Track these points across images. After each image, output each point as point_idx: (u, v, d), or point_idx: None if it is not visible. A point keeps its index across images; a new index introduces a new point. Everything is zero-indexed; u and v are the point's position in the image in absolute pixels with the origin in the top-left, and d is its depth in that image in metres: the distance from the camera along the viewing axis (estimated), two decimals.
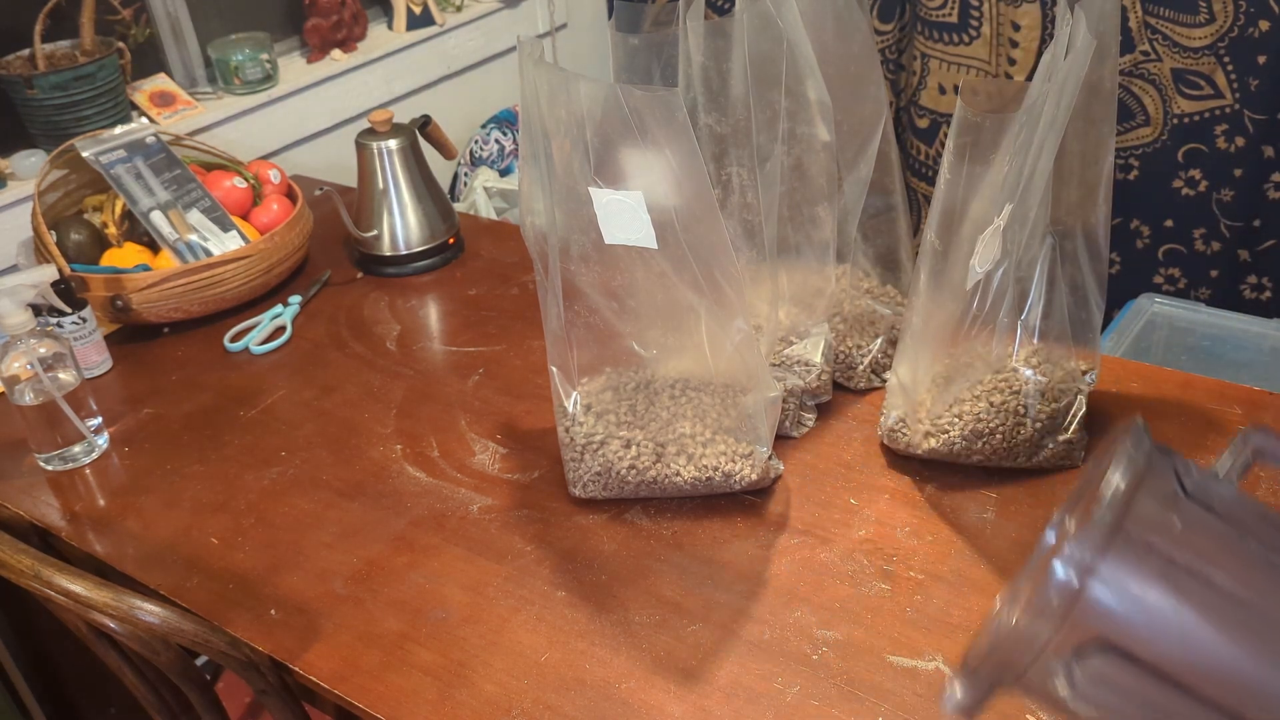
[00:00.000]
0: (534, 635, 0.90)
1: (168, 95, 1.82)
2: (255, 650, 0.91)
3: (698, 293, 0.91)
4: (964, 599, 0.90)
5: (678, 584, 0.94)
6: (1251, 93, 1.82)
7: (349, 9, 2.06)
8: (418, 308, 1.44)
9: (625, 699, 0.84)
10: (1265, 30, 1.77)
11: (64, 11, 1.63)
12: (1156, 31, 1.87)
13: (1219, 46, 1.82)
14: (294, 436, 1.18)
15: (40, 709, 1.41)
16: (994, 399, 1.00)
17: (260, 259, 1.41)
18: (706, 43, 1.02)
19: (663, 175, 0.85)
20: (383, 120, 1.47)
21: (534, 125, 0.89)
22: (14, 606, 1.33)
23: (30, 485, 1.15)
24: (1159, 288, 2.06)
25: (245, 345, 1.35)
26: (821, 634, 0.88)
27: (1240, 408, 1.08)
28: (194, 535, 1.05)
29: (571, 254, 0.93)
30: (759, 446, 1.00)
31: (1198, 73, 1.86)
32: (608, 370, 1.02)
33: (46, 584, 0.87)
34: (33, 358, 1.12)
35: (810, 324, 1.12)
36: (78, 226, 1.42)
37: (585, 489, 1.02)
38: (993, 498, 1.00)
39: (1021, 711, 0.79)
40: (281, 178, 1.61)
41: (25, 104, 1.61)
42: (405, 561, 0.99)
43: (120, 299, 1.34)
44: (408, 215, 1.49)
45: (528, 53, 0.86)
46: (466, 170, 2.32)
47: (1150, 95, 1.93)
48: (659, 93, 0.81)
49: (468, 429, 1.17)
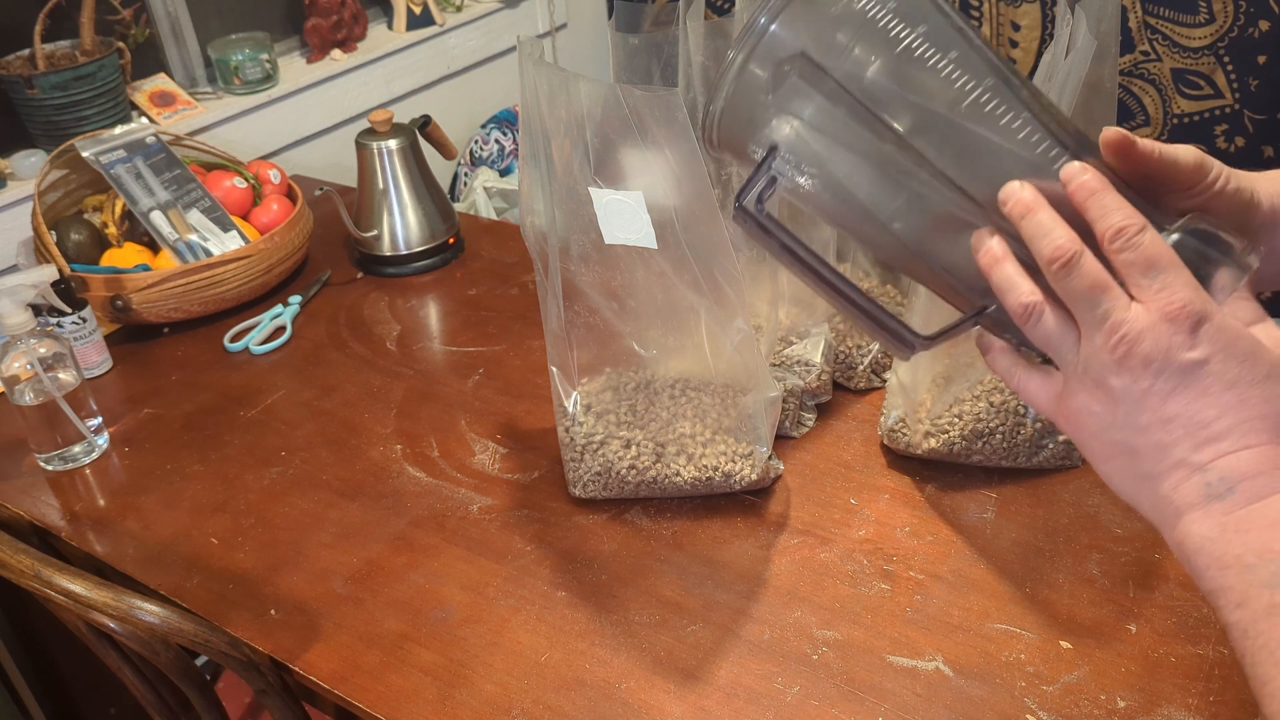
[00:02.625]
0: (534, 635, 0.90)
1: (168, 95, 1.82)
2: (255, 650, 0.91)
3: (698, 293, 0.91)
4: (964, 599, 0.90)
5: (678, 584, 0.94)
6: (1251, 93, 1.82)
7: (349, 9, 2.06)
8: (418, 308, 1.44)
9: (625, 699, 0.84)
10: (1265, 30, 1.77)
11: (64, 11, 1.63)
12: (1156, 31, 1.87)
13: (1219, 46, 1.82)
14: (294, 436, 1.18)
15: (40, 709, 1.41)
16: (994, 399, 1.00)
17: (260, 259, 1.41)
18: (706, 43, 1.02)
19: (663, 175, 0.85)
20: (383, 120, 1.47)
21: (534, 125, 0.89)
22: (14, 606, 1.33)
23: (30, 485, 1.15)
24: None
25: (245, 345, 1.35)
26: (821, 634, 0.88)
27: None
28: (194, 535, 1.05)
29: (571, 254, 0.93)
30: (759, 446, 1.00)
31: (1198, 73, 1.87)
32: (608, 370, 1.02)
33: (46, 584, 0.87)
34: (33, 358, 1.12)
35: (810, 324, 1.12)
36: (78, 226, 1.42)
37: (585, 489, 1.02)
38: (993, 498, 1.00)
39: (1021, 712, 0.79)
40: (281, 178, 1.61)
41: (25, 104, 1.61)
42: (405, 561, 0.99)
43: (120, 299, 1.34)
44: (408, 215, 1.49)
45: (528, 53, 0.86)
46: (466, 170, 2.32)
47: (1150, 95, 1.94)
48: (659, 93, 0.81)
49: (468, 429, 1.17)
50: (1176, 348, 0.46)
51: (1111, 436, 0.49)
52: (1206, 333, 0.46)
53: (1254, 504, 0.46)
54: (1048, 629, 0.86)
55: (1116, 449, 0.49)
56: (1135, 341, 0.47)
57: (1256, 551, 0.45)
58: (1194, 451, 0.47)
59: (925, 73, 0.54)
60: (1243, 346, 0.47)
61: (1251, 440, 0.46)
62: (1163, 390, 0.47)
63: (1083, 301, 0.48)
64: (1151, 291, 0.47)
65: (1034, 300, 0.50)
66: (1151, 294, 0.47)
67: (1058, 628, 0.86)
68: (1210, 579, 0.47)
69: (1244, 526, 0.46)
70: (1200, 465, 0.47)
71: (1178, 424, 0.47)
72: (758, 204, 0.58)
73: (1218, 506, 0.46)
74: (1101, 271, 0.48)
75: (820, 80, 0.55)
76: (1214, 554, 0.46)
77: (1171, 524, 0.48)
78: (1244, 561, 0.45)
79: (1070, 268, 0.48)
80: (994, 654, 0.84)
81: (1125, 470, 0.49)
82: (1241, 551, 0.45)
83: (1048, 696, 0.80)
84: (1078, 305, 0.49)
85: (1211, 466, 0.46)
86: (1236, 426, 0.46)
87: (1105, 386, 0.48)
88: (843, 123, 0.55)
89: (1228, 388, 0.46)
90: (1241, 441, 0.46)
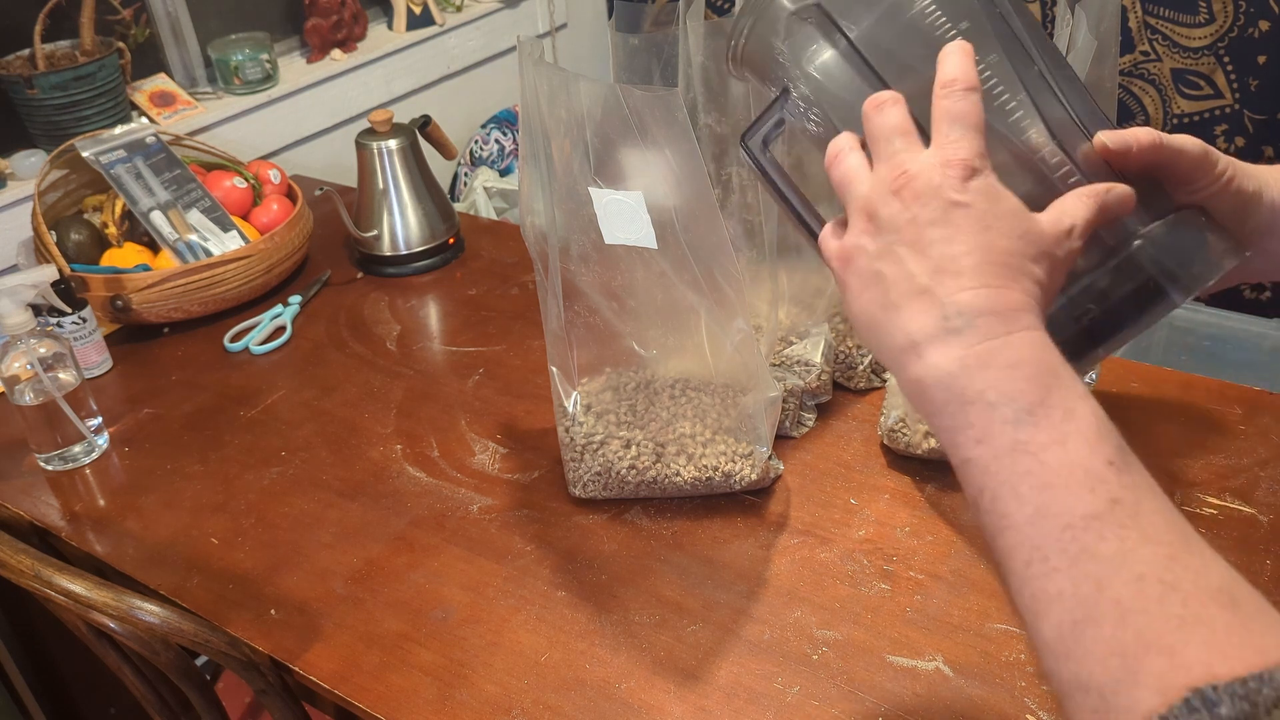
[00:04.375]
0: (534, 635, 0.90)
1: (168, 95, 1.82)
2: (255, 650, 0.91)
3: (698, 293, 0.91)
4: (964, 599, 0.90)
5: (678, 584, 0.94)
6: (1251, 93, 1.82)
7: (349, 9, 2.06)
8: (418, 308, 1.44)
9: (625, 699, 0.84)
10: (1265, 30, 1.77)
11: (64, 11, 1.63)
12: (1156, 31, 1.87)
13: (1219, 46, 1.82)
14: (294, 436, 1.18)
15: (40, 709, 1.41)
16: None
17: (260, 259, 1.41)
18: (706, 43, 1.02)
19: (663, 175, 0.85)
20: (383, 120, 1.47)
21: (534, 125, 0.88)
22: (14, 606, 1.33)
23: (30, 485, 1.15)
24: None
25: (245, 345, 1.35)
26: (821, 634, 0.88)
27: (1240, 408, 1.08)
28: (194, 535, 1.05)
29: (571, 254, 0.93)
30: (759, 446, 1.00)
31: (1198, 73, 1.87)
32: (608, 370, 1.01)
33: (46, 584, 0.87)
34: (33, 358, 1.12)
35: (810, 324, 1.12)
36: (78, 226, 1.42)
37: (585, 489, 1.02)
38: None
39: (1021, 712, 0.79)
40: (281, 178, 1.61)
41: (25, 104, 1.61)
42: (405, 561, 0.99)
43: (120, 299, 1.34)
44: (408, 215, 1.49)
45: (528, 53, 0.86)
46: (466, 170, 2.32)
47: (1150, 95, 1.94)
48: (659, 93, 0.81)
49: (468, 429, 1.17)
50: (947, 188, 0.49)
51: (871, 267, 0.51)
52: (977, 185, 0.49)
53: (989, 341, 0.47)
54: None
55: (872, 280, 0.51)
56: (913, 177, 0.50)
57: (998, 390, 0.46)
58: (937, 281, 0.48)
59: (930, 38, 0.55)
60: (1007, 206, 0.49)
61: (990, 281, 0.48)
62: (925, 219, 0.49)
63: (882, 141, 0.52)
64: (945, 140, 0.50)
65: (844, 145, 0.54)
66: (944, 142, 0.50)
67: None
68: (949, 415, 0.48)
69: (984, 362, 0.47)
70: (940, 297, 0.48)
71: (929, 254, 0.49)
72: (763, 144, 0.59)
73: (956, 341, 0.47)
74: (907, 120, 0.52)
75: (831, 34, 0.57)
76: (955, 389, 0.47)
77: (911, 359, 0.49)
78: (986, 399, 0.46)
79: (882, 108, 0.52)
80: (994, 654, 0.84)
81: (874, 302, 0.51)
82: (984, 388, 0.46)
83: (1048, 696, 0.80)
84: (877, 143, 0.52)
85: (951, 300, 0.48)
86: (981, 266, 0.48)
87: (876, 217, 0.51)
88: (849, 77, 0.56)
89: (982, 230, 0.48)
90: (981, 279, 0.48)
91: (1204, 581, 0.41)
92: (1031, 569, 0.44)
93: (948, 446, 0.49)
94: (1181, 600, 0.40)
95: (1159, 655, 0.39)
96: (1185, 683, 0.38)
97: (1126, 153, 0.54)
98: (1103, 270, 0.54)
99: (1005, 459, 0.46)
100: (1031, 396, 0.46)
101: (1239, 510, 0.96)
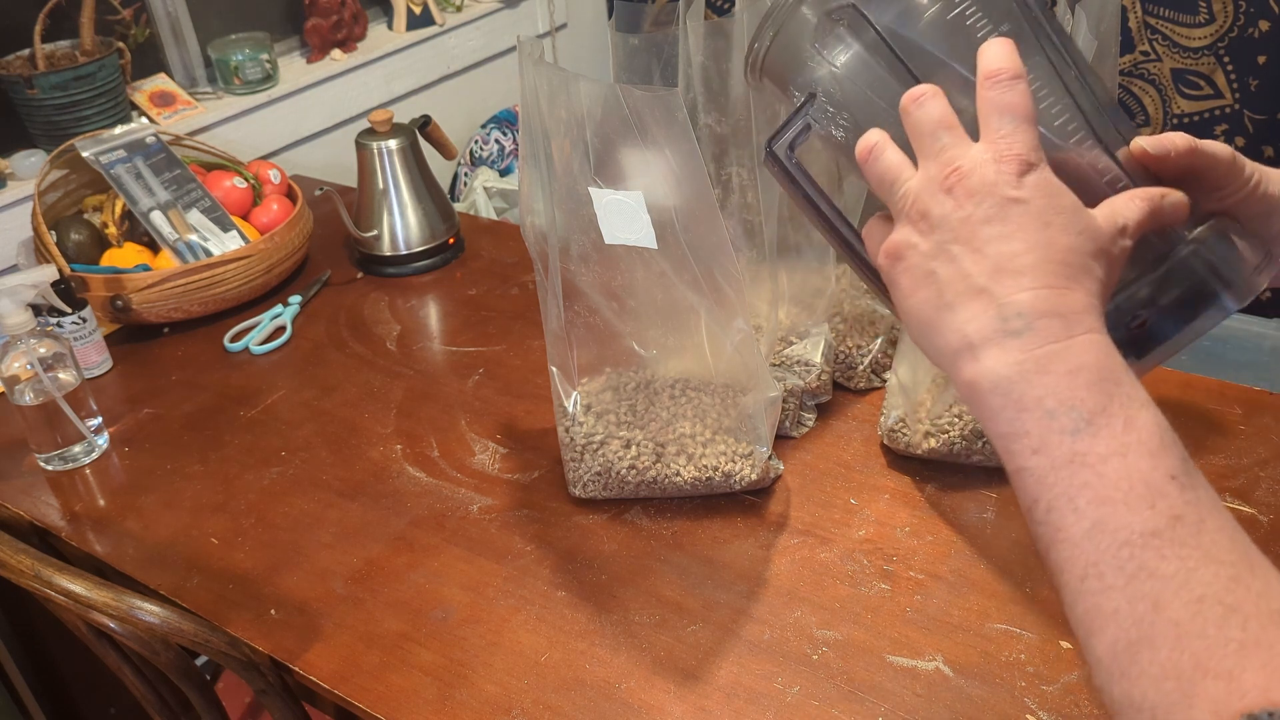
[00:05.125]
0: (534, 635, 0.90)
1: (168, 95, 1.82)
2: (255, 650, 0.91)
3: (698, 293, 0.91)
4: (964, 599, 0.90)
5: (678, 584, 0.94)
6: (1251, 93, 1.83)
7: (349, 9, 2.06)
8: (418, 308, 1.44)
9: (625, 699, 0.84)
10: (1265, 30, 1.77)
11: (64, 11, 1.63)
12: (1156, 31, 1.87)
13: (1219, 47, 1.82)
14: (294, 436, 1.18)
15: (40, 709, 1.41)
16: None
17: (260, 259, 1.41)
18: (706, 43, 1.02)
19: (663, 175, 0.85)
20: (383, 120, 1.47)
21: (534, 125, 0.88)
22: (14, 606, 1.33)
23: (30, 485, 1.15)
24: None
25: (245, 345, 1.35)
26: (821, 634, 0.88)
27: (1240, 408, 1.08)
28: (194, 535, 1.05)
29: (571, 254, 0.93)
30: (759, 446, 1.00)
31: (1197, 73, 1.87)
32: (608, 370, 1.01)
33: (46, 584, 0.87)
34: (33, 358, 1.12)
35: (810, 324, 1.12)
36: (78, 226, 1.42)
37: (585, 489, 1.02)
38: (993, 498, 1.00)
39: (1021, 712, 0.79)
40: (281, 178, 1.61)
41: (25, 104, 1.61)
42: (405, 561, 0.99)
43: (120, 299, 1.34)
44: (408, 215, 1.49)
45: (528, 53, 0.86)
46: (466, 170, 2.32)
47: (1150, 95, 1.94)
48: (659, 93, 0.81)
49: (468, 429, 1.17)
50: (1002, 184, 0.47)
51: (924, 266, 0.49)
52: (1032, 179, 0.47)
53: (1050, 345, 0.45)
54: (1048, 629, 0.86)
55: (925, 280, 0.49)
56: (966, 174, 0.48)
57: (1057, 397, 0.44)
58: (995, 280, 0.47)
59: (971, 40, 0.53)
60: (1065, 201, 0.48)
61: (1052, 281, 0.46)
62: (980, 217, 0.47)
63: (927, 136, 0.50)
64: (997, 135, 0.48)
65: (877, 139, 0.52)
66: (996, 137, 0.48)
67: (1058, 628, 0.86)
68: (1005, 421, 0.46)
69: (1043, 368, 0.45)
70: (998, 297, 0.46)
71: (987, 252, 0.47)
72: (789, 151, 0.58)
73: (1014, 344, 0.46)
74: (950, 113, 0.50)
75: (865, 33, 0.55)
76: (1011, 395, 0.45)
77: (966, 361, 0.47)
78: (1044, 406, 0.45)
79: (922, 102, 0.50)
80: (994, 654, 0.84)
81: (928, 302, 0.49)
82: (1042, 395, 0.45)
83: (1048, 696, 0.80)
84: (921, 139, 0.50)
85: (1009, 301, 0.46)
86: (1040, 265, 0.46)
87: (928, 216, 0.49)
88: (883, 79, 0.55)
89: (1041, 227, 0.47)
90: (1042, 280, 0.46)
91: (1265, 604, 0.40)
92: (1086, 584, 0.43)
93: (1001, 453, 0.47)
94: (1241, 623, 0.39)
95: (1216, 680, 0.38)
96: (1241, 708, 0.37)
97: (1165, 157, 0.52)
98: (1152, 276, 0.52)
99: (1063, 470, 0.44)
100: (1092, 404, 0.44)
101: (1239, 510, 0.96)
